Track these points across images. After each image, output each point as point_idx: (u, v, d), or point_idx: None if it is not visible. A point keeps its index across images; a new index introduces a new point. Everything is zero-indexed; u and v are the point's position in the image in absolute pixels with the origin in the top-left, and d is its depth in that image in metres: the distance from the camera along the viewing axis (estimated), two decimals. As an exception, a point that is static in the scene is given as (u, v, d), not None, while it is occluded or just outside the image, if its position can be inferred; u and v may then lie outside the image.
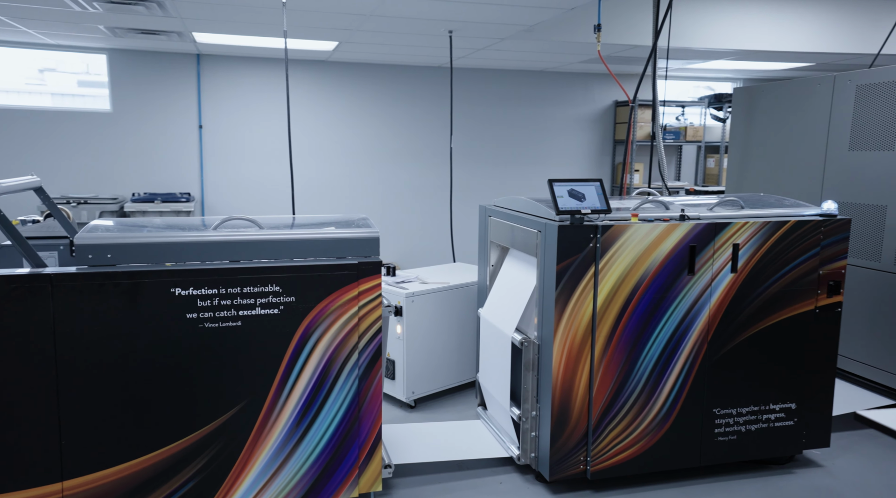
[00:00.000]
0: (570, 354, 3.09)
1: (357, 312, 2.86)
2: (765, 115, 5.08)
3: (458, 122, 7.98)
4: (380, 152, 7.85)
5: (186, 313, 2.67)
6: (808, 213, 3.44)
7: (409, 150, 7.94)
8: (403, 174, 7.96)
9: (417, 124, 7.91)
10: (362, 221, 3.19)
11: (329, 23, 5.19)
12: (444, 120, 7.90)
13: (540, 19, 4.94)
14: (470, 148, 8.04)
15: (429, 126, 7.94)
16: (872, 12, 6.46)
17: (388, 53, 6.84)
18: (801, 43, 6.49)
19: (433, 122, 7.93)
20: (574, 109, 8.48)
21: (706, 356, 3.24)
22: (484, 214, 3.94)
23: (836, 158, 4.44)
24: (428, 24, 5.18)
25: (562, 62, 7.47)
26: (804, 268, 3.30)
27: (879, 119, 4.13)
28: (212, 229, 2.85)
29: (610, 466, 3.20)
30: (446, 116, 7.91)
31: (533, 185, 8.42)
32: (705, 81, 9.14)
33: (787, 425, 3.43)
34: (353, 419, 2.92)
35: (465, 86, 7.89)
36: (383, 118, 7.80)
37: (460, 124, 7.94)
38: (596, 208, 3.00)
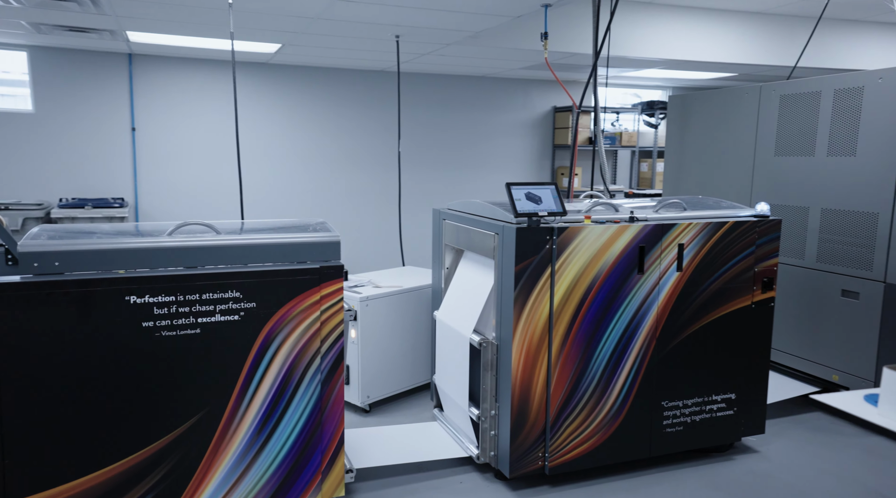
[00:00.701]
0: (529, 353, 3.17)
1: (319, 317, 2.84)
2: (698, 121, 5.35)
3: (402, 126, 8.00)
4: (325, 157, 7.77)
5: (142, 322, 2.59)
6: (744, 215, 3.65)
7: (355, 155, 7.90)
8: (349, 179, 7.90)
9: (362, 129, 7.88)
10: (320, 225, 3.17)
11: (274, 25, 5.12)
12: (387, 124, 7.91)
13: (486, 26, 5.04)
14: (413, 152, 8.07)
15: (373, 130, 7.92)
16: (789, 27, 6.90)
17: (333, 57, 6.80)
18: (726, 54, 6.85)
19: (376, 126, 7.92)
20: (514, 115, 8.65)
21: (655, 352, 3.39)
22: (438, 218, 3.98)
23: (764, 163, 4.73)
24: (375, 28, 5.18)
25: (503, 68, 7.61)
26: (741, 266, 3.51)
27: (800, 127, 4.43)
28: (166, 235, 2.77)
29: (567, 460, 3.30)
30: (389, 121, 7.92)
31: (477, 189, 8.53)
32: (637, 89, 9.50)
33: (728, 415, 3.63)
34: (315, 425, 2.90)
35: (408, 90, 7.92)
36: (328, 122, 7.73)
37: (404, 129, 7.96)
38: (552, 211, 3.10)
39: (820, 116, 4.30)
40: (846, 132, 4.13)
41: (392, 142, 7.99)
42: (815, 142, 4.33)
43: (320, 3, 4.41)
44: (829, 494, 3.35)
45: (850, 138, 4.11)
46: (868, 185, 4.01)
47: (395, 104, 7.91)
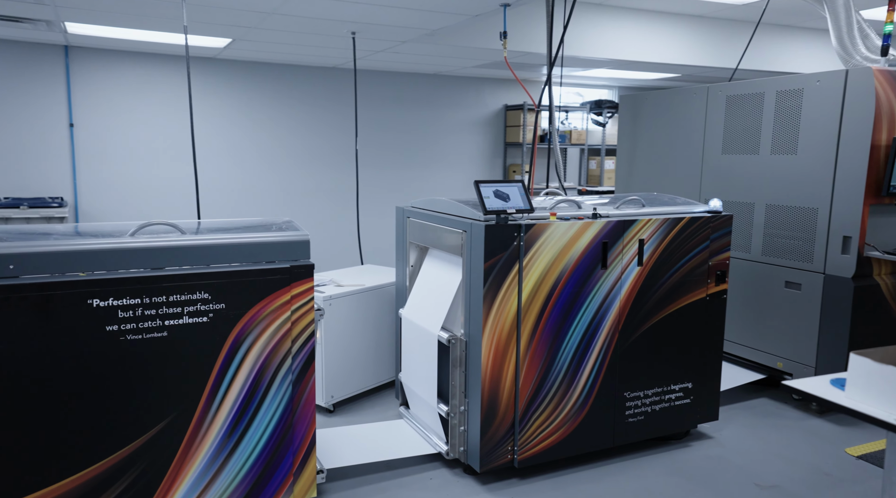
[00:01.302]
0: (498, 349, 3.22)
1: (290, 317, 2.81)
2: (648, 120, 5.52)
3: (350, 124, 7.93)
4: (276, 155, 7.62)
5: (106, 326, 2.51)
6: (698, 210, 3.80)
7: (307, 153, 7.78)
8: (301, 177, 7.78)
9: (314, 126, 7.77)
10: (287, 224, 3.13)
11: (227, 19, 4.99)
12: (337, 121, 7.83)
13: (444, 24, 5.06)
14: (366, 150, 8.01)
15: (324, 128, 7.82)
16: (728, 31, 7.20)
17: (285, 53, 6.68)
18: (671, 55, 7.09)
19: (328, 123, 7.83)
20: (466, 112, 8.70)
21: (617, 344, 3.50)
22: (402, 216, 3.98)
23: (712, 161, 4.93)
24: (331, 24, 5.12)
25: (456, 66, 7.64)
26: (697, 259, 3.65)
27: (746, 126, 4.64)
28: (129, 236, 2.68)
29: (535, 453, 3.37)
30: (340, 118, 7.84)
31: (431, 186, 8.55)
32: (582, 88, 9.71)
33: (685, 403, 3.77)
34: (286, 426, 2.86)
35: (360, 88, 7.85)
36: (278, 120, 7.58)
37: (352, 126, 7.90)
38: (520, 208, 3.15)
39: (763, 117, 4.51)
40: (788, 132, 4.35)
41: (344, 139, 7.92)
42: (760, 141, 4.54)
43: (276, -3, 4.34)
44: (779, 475, 3.53)
45: (792, 138, 4.33)
46: (808, 182, 4.24)
47: (346, 101, 7.85)
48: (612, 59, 6.89)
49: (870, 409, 1.46)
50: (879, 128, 3.91)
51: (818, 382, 1.66)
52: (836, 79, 4.07)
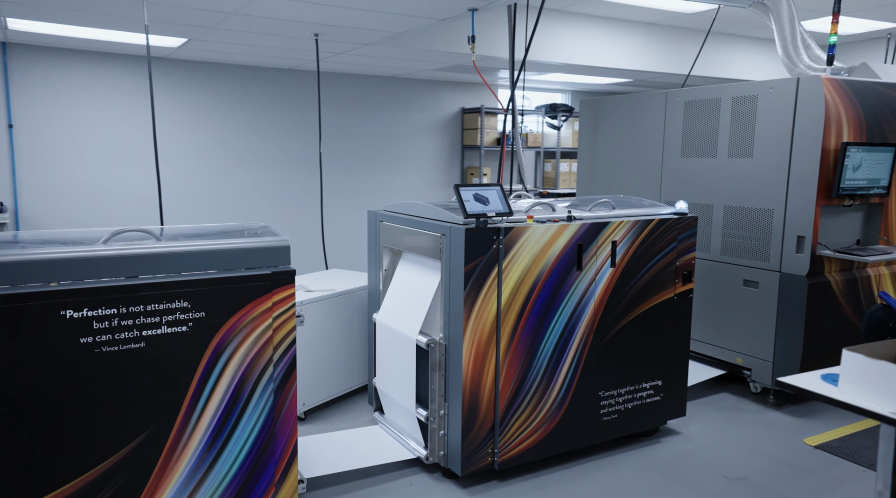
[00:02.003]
0: (478, 351, 3.23)
1: (271, 324, 2.75)
2: (609, 124, 5.65)
3: (307, 126, 7.82)
4: (230, 157, 7.44)
5: (80, 338, 2.39)
6: (665, 212, 3.91)
7: (264, 155, 7.62)
8: (258, 180, 7.61)
9: (270, 128, 7.61)
10: (263, 229, 3.06)
11: (185, 18, 4.84)
12: (293, 123, 7.70)
13: (410, 27, 5.05)
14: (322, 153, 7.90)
15: (281, 130, 7.68)
16: (678, 39, 7.44)
17: (240, 53, 6.52)
18: (623, 61, 7.27)
19: (284, 125, 7.69)
20: (423, 116, 8.70)
21: (592, 344, 3.56)
22: (374, 219, 3.95)
23: (671, 164, 5.08)
24: (294, 26, 5.04)
25: (414, 69, 7.64)
26: (666, 260, 3.76)
27: (703, 130, 4.81)
28: (101, 243, 2.57)
29: (515, 454, 3.40)
30: (296, 120, 7.72)
31: (389, 190, 8.51)
32: (535, 92, 9.85)
33: (656, 401, 3.87)
34: (268, 436, 2.80)
35: (314, 90, 7.74)
36: (232, 121, 7.40)
37: (310, 129, 7.80)
38: (500, 211, 3.17)
39: (720, 121, 4.68)
40: (743, 136, 4.53)
41: (300, 142, 7.80)
42: (717, 144, 4.71)
43: (240, -3, 4.24)
44: (745, 467, 3.67)
45: (748, 141, 4.51)
46: (764, 185, 4.42)
47: (302, 103, 7.73)
48: (567, 64, 7.02)
49: (864, 402, 1.54)
50: (829, 133, 4.12)
51: (810, 379, 1.74)
52: (787, 86, 4.27)
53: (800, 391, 1.67)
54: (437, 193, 8.95)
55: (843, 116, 4.18)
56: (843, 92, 4.19)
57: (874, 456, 3.79)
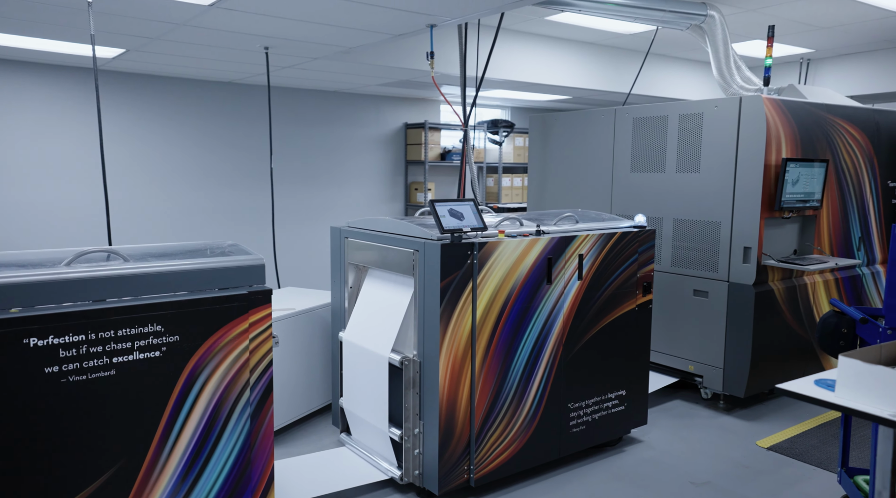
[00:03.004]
0: (454, 367, 3.21)
1: (248, 346, 2.64)
2: (558, 140, 5.79)
3: (252, 142, 7.63)
4: (171, 173, 7.13)
5: (45, 367, 2.22)
6: (625, 225, 4.03)
7: (206, 171, 7.34)
8: (196, 197, 7.32)
9: (212, 143, 7.35)
10: (233, 248, 2.95)
11: (127, 28, 4.63)
12: (240, 139, 7.49)
13: (364, 42, 5.01)
14: (261, 168, 7.71)
15: (225, 145, 7.44)
16: (616, 58, 7.73)
17: (179, 65, 6.29)
18: (563, 79, 7.47)
19: (228, 141, 7.45)
20: (366, 130, 8.64)
21: (562, 356, 3.61)
22: (338, 236, 3.87)
23: (621, 179, 5.25)
24: (244, 38, 4.91)
25: (358, 84, 7.59)
26: (628, 272, 3.87)
27: (652, 146, 5.00)
28: (64, 265, 2.40)
29: (490, 470, 3.38)
30: (243, 135, 7.51)
31: (333, 205, 8.38)
32: (479, 108, 9.99)
33: (620, 410, 3.96)
34: (245, 463, 2.68)
35: (255, 104, 7.55)
36: (169, 136, 7.10)
37: (255, 145, 7.60)
38: (474, 226, 3.18)
39: (668, 138, 4.88)
40: (690, 152, 4.74)
41: (244, 158, 7.58)
42: (665, 160, 4.91)
43: (193, 9, 4.09)
44: (707, 471, 3.80)
45: (694, 157, 4.72)
46: (711, 198, 4.63)
47: (248, 118, 7.53)
48: (509, 81, 7.15)
49: (863, 405, 1.63)
50: (770, 149, 4.37)
51: (805, 384, 1.83)
52: (731, 105, 4.50)
53: (800, 397, 1.76)
54: (382, 209, 8.89)
55: (782, 134, 4.45)
56: (781, 111, 4.46)
57: (821, 455, 4.01)
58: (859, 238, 5.30)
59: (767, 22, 6.39)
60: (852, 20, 6.33)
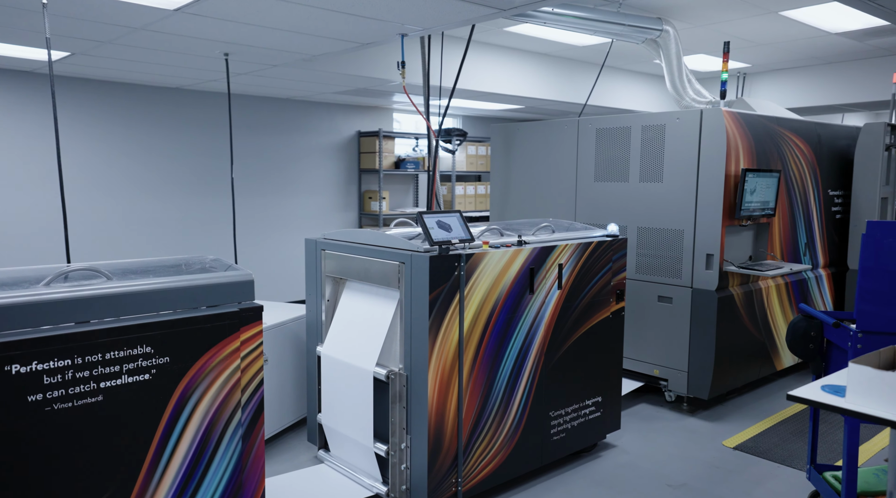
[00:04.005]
0: (443, 380, 3.18)
1: (239, 365, 2.54)
2: (521, 150, 5.85)
3: (201, 149, 7.38)
4: (114, 182, 6.80)
5: (28, 396, 2.07)
6: (599, 235, 4.11)
7: (155, 180, 7.04)
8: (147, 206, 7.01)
9: (160, 151, 7.07)
10: (217, 263, 2.84)
11: (79, 32, 4.39)
12: (193, 146, 7.23)
13: (330, 50, 4.93)
14: (212, 177, 7.47)
15: (177, 153, 7.16)
16: (567, 70, 7.90)
17: (127, 70, 6.02)
18: (517, 88, 7.57)
19: (180, 148, 7.18)
20: (319, 139, 8.51)
21: (544, 365, 3.64)
22: (314, 248, 3.78)
23: (585, 188, 5.36)
24: (204, 44, 4.74)
25: (313, 91, 7.46)
26: (603, 280, 3.94)
27: (615, 157, 5.13)
28: (43, 285, 2.25)
29: (478, 482, 3.37)
30: (196, 143, 7.26)
31: (287, 214, 8.20)
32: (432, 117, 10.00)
33: (597, 417, 4.02)
34: (237, 486, 2.57)
35: (204, 111, 7.31)
36: (119, 144, 6.79)
37: (201, 152, 7.35)
38: (462, 238, 3.16)
39: (631, 148, 5.01)
40: (653, 162, 4.88)
41: (196, 166, 7.32)
42: (629, 170, 5.04)
43: (156, 13, 3.93)
44: (681, 473, 3.90)
45: (657, 167, 4.87)
46: (674, 207, 4.78)
47: (196, 125, 7.28)
48: (464, 90, 7.18)
49: (875, 411, 1.72)
50: (730, 160, 4.55)
51: (813, 390, 1.91)
52: (692, 117, 4.67)
53: (814, 404, 1.83)
54: (336, 218, 8.76)
55: (740, 145, 4.65)
56: (739, 123, 4.66)
57: (784, 453, 4.19)
58: (805, 244, 5.58)
59: (712, 38, 6.68)
60: (787, 38, 6.69)
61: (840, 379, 1.99)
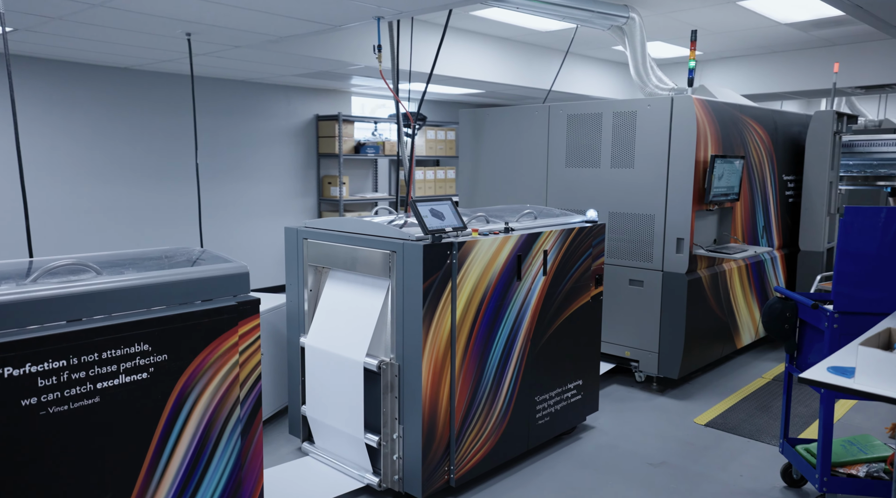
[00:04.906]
0: (436, 369, 3.16)
1: (238, 360, 2.46)
2: (491, 135, 5.84)
3: (156, 133, 7.07)
4: (59, 169, 6.44)
5: (21, 400, 1.95)
6: (579, 220, 4.15)
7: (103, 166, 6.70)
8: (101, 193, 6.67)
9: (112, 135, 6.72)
10: (207, 254, 2.73)
11: (27, 5, 4.11)
12: (142, 130, 6.91)
13: (300, 31, 4.78)
14: (166, 162, 7.17)
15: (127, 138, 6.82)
16: (528, 55, 7.92)
17: (74, 48, 5.68)
18: (478, 73, 7.54)
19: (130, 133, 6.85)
20: (276, 122, 8.27)
21: (530, 351, 3.67)
22: (295, 237, 3.68)
23: (556, 174, 5.40)
24: (165, 23, 4.52)
25: (272, 73, 7.23)
26: (584, 265, 3.99)
27: (587, 143, 5.18)
28: (30, 281, 2.10)
29: (469, 468, 3.38)
30: (147, 126, 6.94)
31: (245, 201, 7.96)
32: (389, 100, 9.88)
33: (578, 399, 4.09)
34: (236, 484, 2.50)
35: (154, 92, 6.99)
36: (63, 126, 6.42)
37: (150, 136, 7.05)
38: (455, 226, 3.14)
39: (602, 134, 5.07)
40: (625, 148, 4.96)
41: (153, 152, 7.01)
42: (601, 155, 5.10)
43: (119, -12, 3.71)
44: (660, 451, 4.02)
45: (629, 153, 4.94)
46: (645, 193, 4.88)
47: (146, 107, 6.96)
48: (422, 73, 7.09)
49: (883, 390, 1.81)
50: (700, 146, 4.66)
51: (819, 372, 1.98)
52: (663, 104, 4.75)
53: (825, 386, 1.90)
54: (295, 204, 8.57)
55: (708, 132, 4.77)
56: (707, 110, 4.77)
57: (751, 428, 4.37)
58: (762, 227, 5.80)
59: (670, 25, 6.82)
60: (739, 27, 6.90)
61: (842, 360, 2.08)
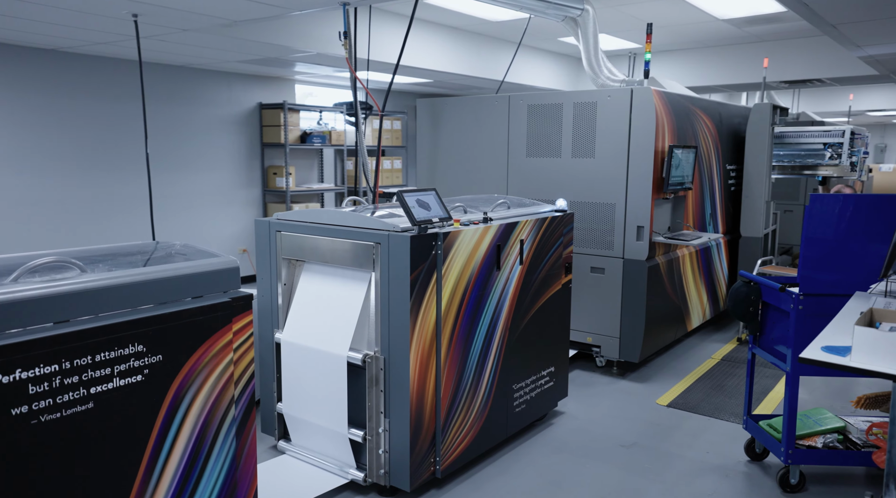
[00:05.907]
0: (422, 361, 3.14)
1: (232, 358, 2.35)
2: (450, 125, 5.82)
3: (72, 119, 6.65)
4: None
5: (11, 409, 1.80)
6: (549, 210, 4.20)
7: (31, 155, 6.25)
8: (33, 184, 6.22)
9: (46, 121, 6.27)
10: (188, 249, 2.60)
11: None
12: (79, 118, 6.48)
13: (258, 16, 4.59)
14: (98, 152, 6.76)
15: (59, 125, 6.38)
16: (478, 45, 7.93)
17: (12, 30, 5.26)
18: (426, 62, 7.49)
19: (74, 120, 6.41)
20: (217, 110, 7.95)
21: (508, 339, 3.69)
22: (268, 229, 3.56)
23: (517, 163, 5.44)
24: (108, 3, 4.24)
25: (214, 59, 6.93)
26: (556, 254, 4.05)
27: (547, 133, 5.24)
28: (11, 281, 1.94)
29: (453, 459, 3.38)
30: (84, 113, 6.51)
31: (186, 192, 7.63)
32: (332, 89, 9.68)
33: (550, 386, 4.16)
34: (232, 485, 2.40)
35: (81, 76, 6.56)
36: None
37: (73, 122, 6.63)
38: (441, 217, 3.11)
39: (563, 124, 5.14)
40: (585, 138, 5.05)
41: (90, 140, 6.60)
42: (561, 145, 5.18)
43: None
44: (629, 433, 4.14)
45: (589, 143, 5.04)
46: (606, 182, 4.98)
47: (89, 95, 6.54)
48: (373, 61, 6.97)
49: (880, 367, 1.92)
50: (658, 137, 4.80)
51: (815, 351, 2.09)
52: (623, 95, 4.86)
53: (825, 365, 2.00)
54: (240, 195, 8.28)
55: (665, 122, 4.91)
56: (664, 102, 4.92)
57: (710, 406, 4.57)
58: (710, 214, 6.05)
59: (616, 19, 6.98)
60: (680, 21, 7.14)
61: (831, 340, 2.20)
